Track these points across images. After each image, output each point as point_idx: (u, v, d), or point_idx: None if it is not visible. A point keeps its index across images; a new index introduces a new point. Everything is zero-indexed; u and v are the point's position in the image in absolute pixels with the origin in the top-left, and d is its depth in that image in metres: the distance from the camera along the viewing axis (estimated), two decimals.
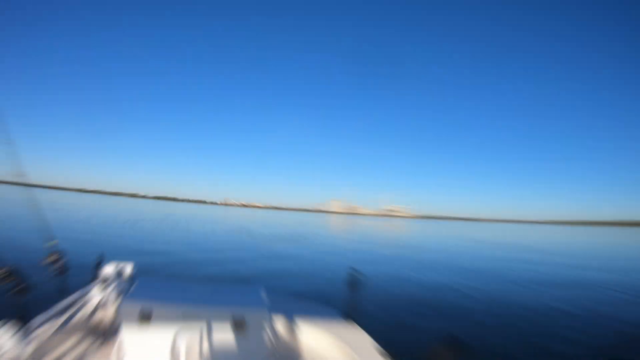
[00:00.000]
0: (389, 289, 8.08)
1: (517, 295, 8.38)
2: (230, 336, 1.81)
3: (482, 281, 9.94)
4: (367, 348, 2.14)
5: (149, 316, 1.76)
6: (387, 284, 8.63)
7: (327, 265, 11.50)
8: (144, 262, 8.26)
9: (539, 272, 12.28)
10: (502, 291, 8.76)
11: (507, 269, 13.01)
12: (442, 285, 9.04)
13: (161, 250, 11.85)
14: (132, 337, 1.79)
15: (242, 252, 13.06)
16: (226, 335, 1.81)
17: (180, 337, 1.79)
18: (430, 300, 7.41)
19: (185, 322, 1.79)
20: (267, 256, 12.40)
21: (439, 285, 9.11)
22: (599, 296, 8.65)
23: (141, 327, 1.77)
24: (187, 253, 11.77)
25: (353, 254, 15.85)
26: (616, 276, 12.10)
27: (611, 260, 19.03)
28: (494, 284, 9.75)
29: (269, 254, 12.91)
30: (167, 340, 1.79)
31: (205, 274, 8.66)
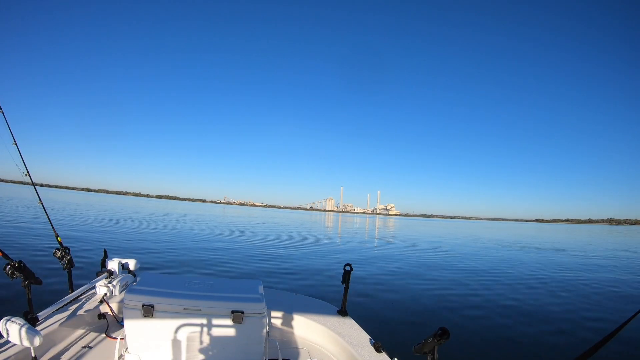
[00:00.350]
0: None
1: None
2: (229, 328, 1.89)
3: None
4: (362, 341, 2.21)
5: (152, 309, 1.84)
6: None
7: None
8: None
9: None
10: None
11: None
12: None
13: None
14: (135, 329, 1.87)
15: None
16: (225, 327, 1.88)
17: (181, 329, 1.87)
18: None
19: (187, 315, 1.87)
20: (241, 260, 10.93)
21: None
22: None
23: (144, 319, 1.85)
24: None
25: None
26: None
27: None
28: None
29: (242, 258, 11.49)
30: (169, 332, 1.87)
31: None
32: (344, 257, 12.97)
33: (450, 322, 5.68)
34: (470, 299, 7.41)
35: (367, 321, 2.61)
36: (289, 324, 2.52)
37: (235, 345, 1.91)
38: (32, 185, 3.19)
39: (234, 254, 11.71)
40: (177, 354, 1.88)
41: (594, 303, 7.57)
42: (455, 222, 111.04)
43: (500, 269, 12.21)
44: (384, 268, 10.90)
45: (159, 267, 8.61)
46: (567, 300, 7.79)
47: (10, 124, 2.94)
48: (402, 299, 7.08)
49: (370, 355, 2.05)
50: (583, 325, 5.92)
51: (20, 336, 1.66)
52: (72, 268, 2.89)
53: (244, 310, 1.87)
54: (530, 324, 5.84)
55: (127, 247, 11.28)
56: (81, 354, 2.06)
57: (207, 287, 2.01)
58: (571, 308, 7.04)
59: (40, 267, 6.83)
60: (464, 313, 6.30)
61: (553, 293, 8.44)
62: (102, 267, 2.86)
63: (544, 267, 12.96)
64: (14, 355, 1.76)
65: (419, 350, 1.64)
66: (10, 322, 1.70)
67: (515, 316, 6.23)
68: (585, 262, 15.36)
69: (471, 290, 8.36)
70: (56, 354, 2.02)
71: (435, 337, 1.53)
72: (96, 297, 2.61)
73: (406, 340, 4.41)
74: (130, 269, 2.95)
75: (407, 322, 5.57)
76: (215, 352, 1.89)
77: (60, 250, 2.85)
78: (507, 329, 5.50)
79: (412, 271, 10.59)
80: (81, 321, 2.37)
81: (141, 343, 1.89)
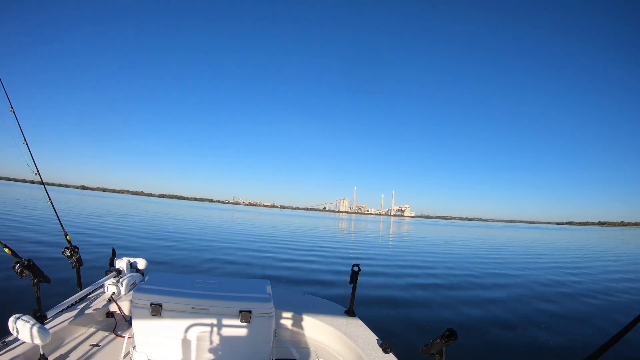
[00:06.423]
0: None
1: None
2: (237, 328, 1.89)
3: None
4: (369, 342, 2.19)
5: (160, 308, 1.84)
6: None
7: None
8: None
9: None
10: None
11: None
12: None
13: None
14: (143, 327, 1.88)
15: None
16: (233, 327, 1.88)
17: (189, 328, 1.87)
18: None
19: (195, 314, 1.87)
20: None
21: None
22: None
23: (152, 318, 1.85)
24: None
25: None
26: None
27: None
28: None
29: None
30: (177, 332, 1.87)
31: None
32: (352, 258, 12.98)
33: (458, 323, 5.63)
34: (478, 301, 7.33)
35: (375, 322, 2.59)
36: (296, 324, 2.51)
37: (243, 344, 1.91)
38: (42, 184, 3.23)
39: (241, 254, 11.77)
40: (185, 353, 1.89)
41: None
42: (475, 225, 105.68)
43: (507, 269, 12.08)
44: (393, 268, 10.88)
45: (167, 266, 8.67)
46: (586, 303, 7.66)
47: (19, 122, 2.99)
48: (409, 299, 7.03)
49: (378, 356, 2.03)
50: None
51: (29, 334, 1.68)
52: (80, 267, 2.91)
53: (252, 310, 1.87)
54: (539, 327, 5.75)
55: (135, 246, 11.40)
56: (89, 352, 2.07)
57: (215, 287, 2.01)
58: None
59: (49, 265, 6.91)
60: (472, 315, 6.24)
61: (559, 294, 8.33)
62: (110, 265, 2.87)
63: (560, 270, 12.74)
64: (22, 353, 1.77)
65: (426, 352, 1.63)
66: (20, 320, 1.71)
67: (525, 319, 6.13)
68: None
69: (480, 291, 8.27)
70: (65, 352, 2.03)
71: (443, 338, 1.53)
72: (104, 295, 2.62)
73: (414, 341, 4.42)
74: (139, 268, 2.97)
75: (415, 323, 5.53)
76: (223, 351, 1.89)
77: (69, 248, 2.88)
78: (516, 332, 5.42)
79: (421, 272, 10.53)
80: (89, 319, 2.38)
81: (149, 342, 1.89)
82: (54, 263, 7.03)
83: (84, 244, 9.95)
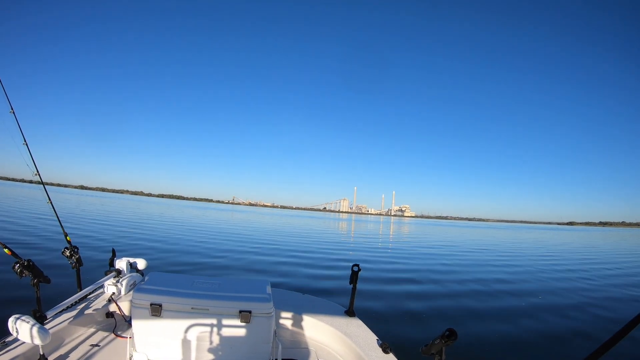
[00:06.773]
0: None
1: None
2: (237, 328, 1.89)
3: None
4: (369, 342, 2.20)
5: (160, 308, 1.84)
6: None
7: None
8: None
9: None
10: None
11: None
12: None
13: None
14: (143, 328, 1.88)
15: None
16: (233, 327, 1.89)
17: (189, 328, 1.87)
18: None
19: (194, 314, 1.87)
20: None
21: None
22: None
23: (152, 318, 1.85)
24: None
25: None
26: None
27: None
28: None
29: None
30: (176, 331, 1.87)
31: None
32: (352, 258, 12.97)
33: (458, 323, 5.63)
34: (479, 301, 7.34)
35: (375, 322, 2.60)
36: (296, 324, 2.52)
37: (242, 344, 1.91)
38: (42, 184, 3.23)
39: (241, 254, 11.77)
40: (185, 353, 1.89)
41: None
42: (476, 225, 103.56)
43: (507, 268, 12.10)
44: (392, 268, 10.87)
45: (167, 266, 8.67)
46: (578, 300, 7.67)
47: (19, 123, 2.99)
48: (409, 300, 7.03)
49: (378, 356, 2.03)
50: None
51: (29, 334, 1.68)
52: (80, 267, 2.92)
53: (252, 310, 1.87)
54: (541, 325, 5.76)
55: (135, 246, 11.39)
56: (89, 352, 2.07)
57: (215, 287, 2.02)
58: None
59: (49, 265, 6.91)
60: (472, 315, 6.24)
61: (559, 294, 8.34)
62: (110, 266, 2.87)
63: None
64: (22, 354, 1.77)
65: (426, 352, 1.64)
66: (19, 321, 1.71)
67: (524, 319, 6.14)
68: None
69: (480, 291, 8.28)
70: (64, 352, 2.03)
71: (442, 338, 1.53)
72: (104, 296, 2.62)
73: (414, 341, 4.41)
74: (139, 268, 2.97)
75: (415, 323, 5.53)
76: (223, 351, 1.89)
77: (69, 249, 2.88)
78: (517, 332, 5.43)
79: (421, 273, 10.53)
80: (89, 320, 2.38)
81: (149, 342, 1.90)
82: (54, 263, 7.03)
83: (83, 244, 9.95)
